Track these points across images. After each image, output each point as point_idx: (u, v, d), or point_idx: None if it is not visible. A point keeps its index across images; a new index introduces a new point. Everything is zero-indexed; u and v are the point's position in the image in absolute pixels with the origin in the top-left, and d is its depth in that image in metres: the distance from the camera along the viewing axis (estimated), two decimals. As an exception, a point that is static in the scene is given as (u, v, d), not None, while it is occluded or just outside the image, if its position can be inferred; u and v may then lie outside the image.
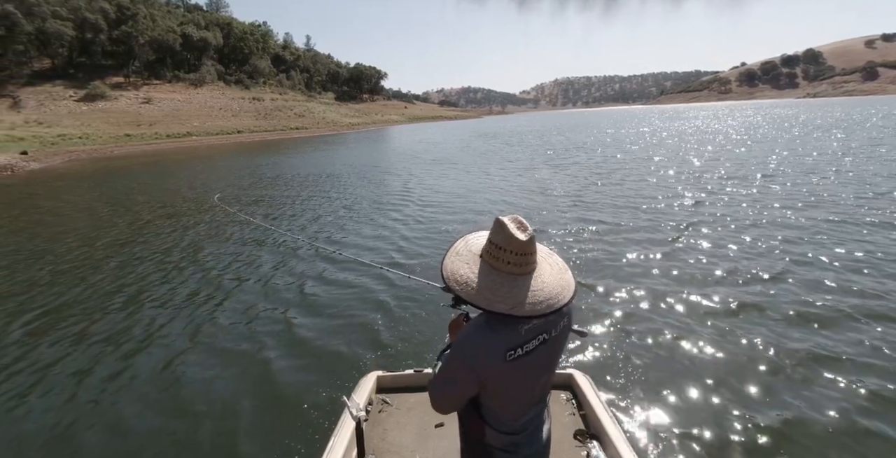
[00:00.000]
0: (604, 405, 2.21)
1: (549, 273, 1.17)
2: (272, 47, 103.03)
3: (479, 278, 1.13)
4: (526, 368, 1.16)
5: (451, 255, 1.22)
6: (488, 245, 1.15)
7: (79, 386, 3.88)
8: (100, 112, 54.24)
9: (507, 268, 1.11)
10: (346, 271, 6.35)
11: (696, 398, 3.33)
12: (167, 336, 4.73)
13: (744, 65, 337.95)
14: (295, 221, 10.07)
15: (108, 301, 5.72)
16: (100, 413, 3.53)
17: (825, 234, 6.79)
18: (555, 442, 1.67)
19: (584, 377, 2.47)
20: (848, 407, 3.12)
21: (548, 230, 7.81)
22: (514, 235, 1.09)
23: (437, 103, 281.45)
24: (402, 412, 2.37)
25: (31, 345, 4.64)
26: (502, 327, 1.12)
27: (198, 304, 5.55)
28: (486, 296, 1.10)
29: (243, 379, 3.89)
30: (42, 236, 9.45)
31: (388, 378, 2.56)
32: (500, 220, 1.13)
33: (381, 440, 2.17)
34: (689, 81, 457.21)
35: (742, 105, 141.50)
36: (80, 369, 4.14)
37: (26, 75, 59.68)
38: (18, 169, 24.57)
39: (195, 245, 8.16)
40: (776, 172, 12.69)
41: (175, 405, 3.58)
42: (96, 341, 4.68)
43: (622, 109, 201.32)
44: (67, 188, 17.29)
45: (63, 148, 36.38)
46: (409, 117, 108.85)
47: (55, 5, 62.53)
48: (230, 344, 4.52)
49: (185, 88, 72.03)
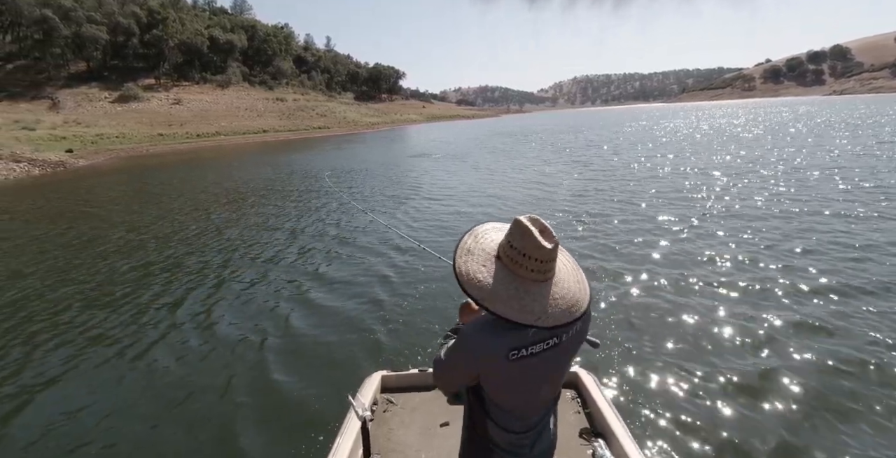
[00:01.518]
0: (609, 403, 2.21)
1: (566, 275, 1.13)
2: (294, 49, 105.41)
3: (502, 285, 1.06)
4: (531, 369, 1.14)
5: (463, 253, 1.13)
6: (508, 249, 1.08)
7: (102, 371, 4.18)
8: (133, 113, 56.73)
9: (531, 275, 1.06)
10: (349, 267, 6.61)
11: (702, 396, 3.33)
12: (165, 335, 4.87)
13: (768, 61, 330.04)
14: (322, 215, 10.82)
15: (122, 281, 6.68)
16: (109, 395, 3.79)
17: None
18: (560, 441, 1.75)
19: (590, 376, 2.47)
20: (866, 413, 3.08)
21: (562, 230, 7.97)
22: (540, 243, 1.03)
23: (455, 102, 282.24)
24: (406, 411, 2.38)
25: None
26: (510, 326, 1.08)
27: (200, 299, 5.79)
28: (512, 306, 1.05)
29: (248, 379, 3.94)
30: (108, 221, 10.84)
31: (392, 378, 2.58)
32: (521, 223, 1.06)
33: (387, 439, 2.19)
34: (711, 78, 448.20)
35: (766, 103, 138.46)
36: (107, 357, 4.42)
37: (63, 77, 62.60)
38: (69, 165, 26.56)
39: (245, 235, 9.31)
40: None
41: (176, 405, 3.63)
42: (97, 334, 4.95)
43: (641, 107, 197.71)
44: (119, 182, 18.93)
45: (102, 147, 38.51)
46: (426, 117, 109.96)
47: (90, 10, 65.52)
48: (233, 342, 4.61)
49: (212, 90, 74.52)
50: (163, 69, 72.83)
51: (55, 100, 55.43)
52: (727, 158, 16.50)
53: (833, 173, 11.89)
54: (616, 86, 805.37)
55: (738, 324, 4.32)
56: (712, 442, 2.90)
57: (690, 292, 5.10)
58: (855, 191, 9.68)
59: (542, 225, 1.07)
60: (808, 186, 10.53)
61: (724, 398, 3.29)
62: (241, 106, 70.86)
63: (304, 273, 6.58)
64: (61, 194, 16.13)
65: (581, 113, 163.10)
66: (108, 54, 68.69)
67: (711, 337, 4.13)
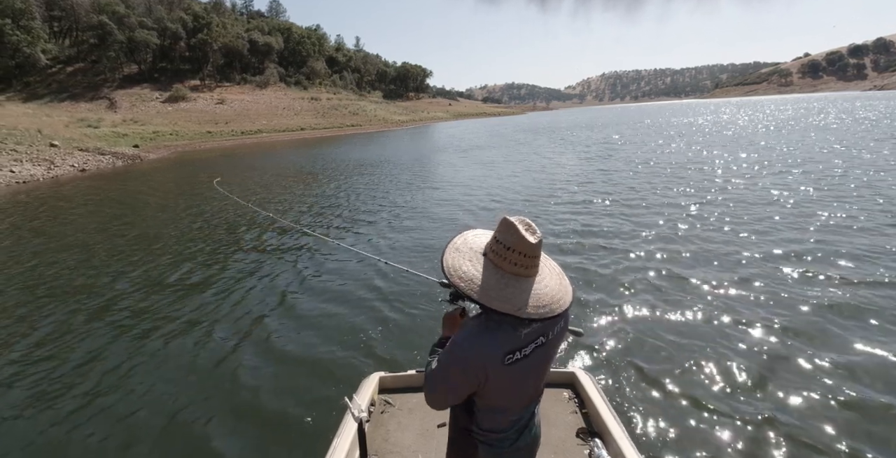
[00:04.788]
0: (606, 403, 2.23)
1: (550, 277, 1.19)
2: (327, 49, 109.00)
3: (484, 275, 1.12)
4: (523, 370, 1.19)
5: (451, 250, 1.21)
6: (494, 244, 1.14)
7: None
8: (182, 112, 60.78)
9: (513, 269, 1.12)
10: (345, 269, 6.65)
11: (699, 395, 3.36)
12: (162, 333, 4.89)
13: (807, 55, 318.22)
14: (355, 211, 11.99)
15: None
16: (121, 386, 3.88)
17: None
18: (557, 441, 1.73)
19: (587, 375, 2.48)
20: (855, 410, 3.12)
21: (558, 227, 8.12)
22: (524, 236, 1.09)
23: (481, 100, 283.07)
24: (404, 412, 2.38)
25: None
26: (501, 331, 1.13)
27: (202, 302, 5.75)
28: (492, 294, 1.10)
29: (245, 380, 3.93)
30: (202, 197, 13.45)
31: (390, 379, 2.58)
32: (508, 220, 1.12)
33: (384, 440, 2.19)
34: (746, 73, 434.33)
35: (803, 98, 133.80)
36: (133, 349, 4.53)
37: (118, 79, 67.21)
38: (144, 158, 29.99)
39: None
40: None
41: (174, 405, 3.64)
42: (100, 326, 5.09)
43: (671, 104, 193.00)
44: (193, 171, 22.00)
45: (161, 143, 42.16)
46: (453, 114, 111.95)
47: (142, 16, 70.26)
48: (230, 343, 4.58)
49: (252, 90, 78.53)
50: (206, 71, 77.22)
51: (112, 100, 59.96)
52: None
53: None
54: (646, 82, 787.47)
55: (739, 324, 4.32)
56: (710, 442, 2.91)
57: (690, 292, 5.09)
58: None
59: (528, 223, 1.13)
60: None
61: (723, 398, 3.32)
62: (279, 105, 74.51)
63: (303, 274, 6.59)
64: (165, 178, 19.16)
65: (604, 109, 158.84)
66: (157, 57, 73.37)
67: (710, 338, 4.13)
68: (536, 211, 9.75)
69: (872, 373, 3.51)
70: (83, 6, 64.58)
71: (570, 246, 7.05)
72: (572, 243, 7.23)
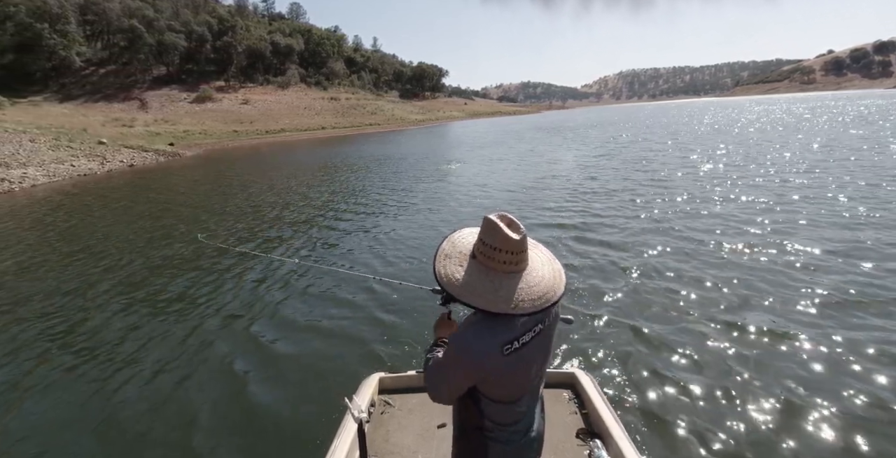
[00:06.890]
0: (606, 403, 2.23)
1: (540, 265, 1.20)
2: (345, 50, 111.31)
3: (477, 279, 1.14)
4: (523, 359, 1.20)
5: (441, 258, 1.23)
6: (481, 246, 1.15)
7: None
8: (210, 112, 63.21)
9: (504, 267, 1.13)
10: (346, 277, 6.54)
11: (699, 395, 3.33)
12: (162, 333, 4.91)
13: (831, 52, 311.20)
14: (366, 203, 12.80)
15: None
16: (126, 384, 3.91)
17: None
18: (557, 441, 1.78)
19: (587, 376, 2.48)
20: (854, 412, 3.08)
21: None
22: (508, 235, 1.10)
23: (496, 99, 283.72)
24: (404, 413, 2.39)
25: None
26: (498, 323, 1.15)
27: (201, 307, 5.64)
28: (487, 298, 1.11)
29: (244, 381, 3.93)
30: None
31: (389, 379, 2.59)
32: (490, 220, 1.13)
33: (384, 441, 2.19)
34: (767, 70, 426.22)
35: (826, 96, 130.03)
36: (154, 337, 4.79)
37: (148, 81, 70.17)
38: (182, 155, 32.14)
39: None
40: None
41: (174, 408, 3.65)
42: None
43: (690, 102, 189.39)
44: (231, 165, 23.91)
45: (192, 141, 44.33)
46: (468, 113, 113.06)
47: (169, 19, 73.17)
48: (229, 345, 4.59)
49: (274, 90, 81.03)
50: (231, 72, 79.95)
51: (143, 101, 62.76)
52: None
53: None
54: (665, 80, 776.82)
55: (739, 325, 4.30)
56: (709, 442, 2.90)
57: (691, 293, 5.06)
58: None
59: (509, 219, 1.14)
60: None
61: (723, 399, 3.31)
62: (300, 105, 76.76)
63: (303, 275, 6.56)
64: (208, 171, 21.37)
65: (621, 108, 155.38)
66: (183, 59, 76.26)
67: (710, 337, 4.12)
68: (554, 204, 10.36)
69: (885, 371, 3.49)
70: (114, 10, 67.60)
71: (569, 244, 7.15)
72: (571, 237, 7.46)
